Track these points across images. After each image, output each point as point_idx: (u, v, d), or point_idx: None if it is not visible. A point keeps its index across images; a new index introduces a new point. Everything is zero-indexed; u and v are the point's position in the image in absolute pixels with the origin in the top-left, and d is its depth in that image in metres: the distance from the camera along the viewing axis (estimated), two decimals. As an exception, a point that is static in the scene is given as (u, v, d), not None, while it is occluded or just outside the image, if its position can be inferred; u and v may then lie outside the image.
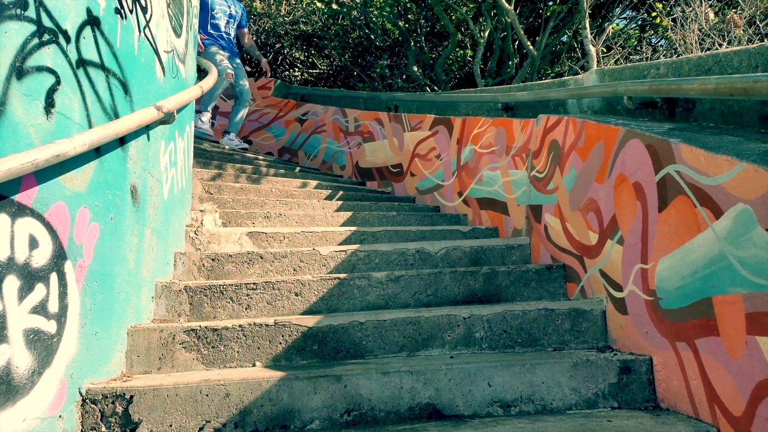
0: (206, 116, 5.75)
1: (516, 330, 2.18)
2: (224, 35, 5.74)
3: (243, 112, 6.01)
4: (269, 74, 6.19)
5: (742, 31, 4.80)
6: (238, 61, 5.93)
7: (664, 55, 6.77)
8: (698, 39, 4.90)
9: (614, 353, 2.00)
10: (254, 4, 9.06)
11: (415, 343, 2.15)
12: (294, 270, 2.74)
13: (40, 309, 1.48)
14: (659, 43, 8.37)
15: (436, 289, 2.50)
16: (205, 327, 2.09)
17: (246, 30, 6.10)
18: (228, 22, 5.81)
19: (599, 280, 2.25)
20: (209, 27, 5.68)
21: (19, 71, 1.38)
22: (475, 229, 3.35)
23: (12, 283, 1.37)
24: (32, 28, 1.44)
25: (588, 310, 2.20)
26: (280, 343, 2.10)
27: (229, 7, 5.86)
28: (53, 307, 1.54)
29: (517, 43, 7.64)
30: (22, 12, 1.40)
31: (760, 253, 1.38)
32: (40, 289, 1.48)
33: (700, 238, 1.62)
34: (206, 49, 5.61)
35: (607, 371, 1.88)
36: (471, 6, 8.02)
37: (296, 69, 9.64)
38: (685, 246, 1.69)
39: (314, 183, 4.81)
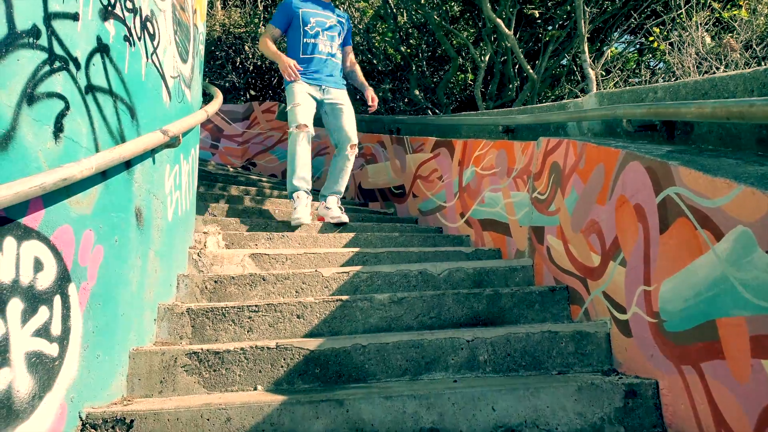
0: (299, 197, 3.79)
1: (520, 353, 2.17)
2: (323, 59, 3.94)
3: (345, 168, 4.01)
4: (374, 107, 4.13)
5: (738, 55, 4.85)
6: (340, 97, 4.00)
7: (662, 78, 6.84)
8: (695, 62, 4.95)
9: (619, 377, 1.99)
10: (259, 30, 9.20)
11: (419, 367, 2.14)
12: (296, 292, 2.74)
13: (43, 332, 1.49)
14: (657, 66, 8.46)
15: (439, 311, 2.50)
16: (207, 350, 2.09)
17: (350, 49, 4.25)
18: (331, 39, 3.99)
19: (603, 302, 2.25)
20: (300, 50, 3.91)
21: (30, 97, 1.41)
22: (477, 250, 3.35)
23: (16, 305, 1.38)
24: (44, 56, 1.47)
25: (592, 333, 2.20)
26: (282, 366, 2.10)
27: (329, 17, 4.02)
28: (56, 329, 1.54)
29: (517, 66, 7.72)
30: (35, 40, 1.43)
31: (762, 275, 1.38)
32: (43, 312, 1.48)
33: (701, 260, 1.62)
34: (288, 85, 3.88)
35: (613, 395, 1.87)
36: (471, 31, 8.14)
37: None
38: (688, 268, 1.69)
39: (317, 204, 4.82)
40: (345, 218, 3.89)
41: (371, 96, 4.19)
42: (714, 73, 4.76)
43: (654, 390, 1.87)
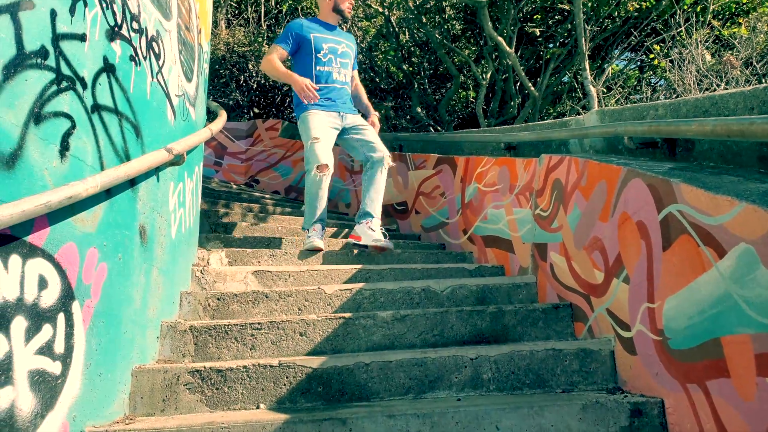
0: (315, 230, 3.58)
1: (524, 371, 2.16)
2: (338, 88, 3.73)
3: (378, 182, 3.71)
4: (376, 131, 3.94)
5: (739, 72, 4.88)
6: (358, 119, 3.84)
7: (663, 95, 6.87)
8: (696, 79, 4.98)
9: (624, 395, 1.98)
10: (262, 48, 9.29)
11: (422, 385, 2.13)
12: (299, 309, 2.73)
13: (46, 350, 1.49)
14: (658, 83, 8.50)
15: (443, 328, 2.49)
16: (210, 368, 2.08)
17: (356, 72, 4.09)
18: (344, 66, 3.79)
19: (606, 319, 2.24)
20: (312, 78, 3.64)
21: (37, 117, 1.42)
22: (480, 267, 3.35)
23: (20, 323, 1.38)
24: (51, 75, 1.49)
25: (596, 350, 2.19)
26: (285, 384, 2.09)
27: (340, 42, 3.81)
28: (59, 347, 1.54)
29: (518, 84, 7.77)
30: (43, 61, 1.45)
31: (765, 293, 1.38)
32: (47, 330, 1.49)
33: (705, 278, 1.62)
34: (301, 113, 3.63)
35: (618, 414, 1.86)
36: (473, 49, 8.20)
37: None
38: (691, 285, 1.69)
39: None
40: (390, 245, 3.48)
41: (374, 122, 3.99)
42: (714, 90, 4.79)
43: (660, 409, 1.86)
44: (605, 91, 7.59)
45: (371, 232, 3.53)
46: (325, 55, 3.67)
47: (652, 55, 7.54)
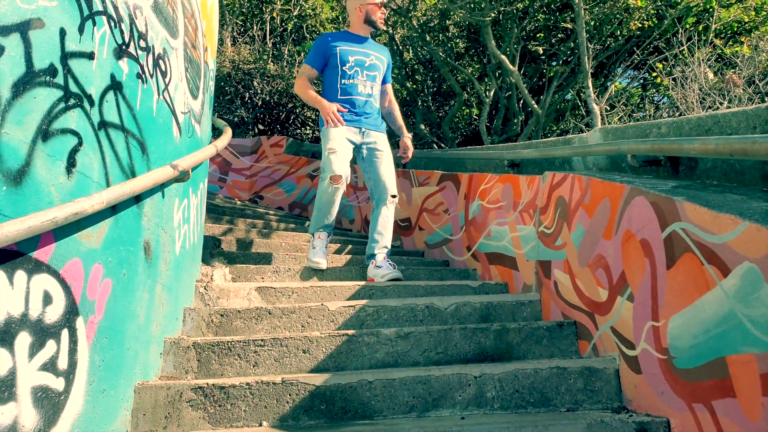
0: (320, 238, 3.57)
1: (528, 389, 2.15)
2: (362, 101, 3.62)
3: (387, 221, 3.62)
4: (408, 159, 3.85)
5: (741, 90, 4.90)
6: (380, 142, 3.68)
7: (666, 113, 6.90)
8: (699, 97, 5.00)
9: (630, 414, 1.96)
10: (267, 66, 9.38)
11: (425, 403, 2.11)
12: (302, 326, 2.73)
13: (50, 366, 1.49)
14: (662, 101, 8.53)
15: (447, 346, 2.48)
16: (213, 385, 2.08)
17: (390, 86, 3.94)
18: (371, 79, 3.68)
19: (611, 337, 2.23)
20: (338, 91, 3.61)
21: (44, 134, 1.44)
22: (484, 284, 3.34)
23: (24, 339, 1.38)
24: (59, 93, 1.51)
25: (601, 369, 2.17)
26: (288, 402, 2.08)
27: (368, 54, 3.69)
28: (63, 363, 1.54)
29: (521, 101, 7.82)
30: (51, 79, 1.47)
31: (771, 312, 1.37)
32: (50, 346, 1.49)
33: (709, 296, 1.61)
34: (323, 125, 3.59)
35: (622, 433, 1.84)
36: (476, 67, 8.26)
37: (308, 127, 9.87)
38: (696, 304, 1.68)
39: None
40: (398, 273, 3.46)
41: (407, 145, 3.83)
42: (717, 108, 4.80)
43: (665, 428, 1.84)
44: (608, 108, 7.62)
45: (377, 270, 3.50)
46: (351, 67, 3.60)
47: (654, 73, 7.57)
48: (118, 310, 1.87)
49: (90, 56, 1.66)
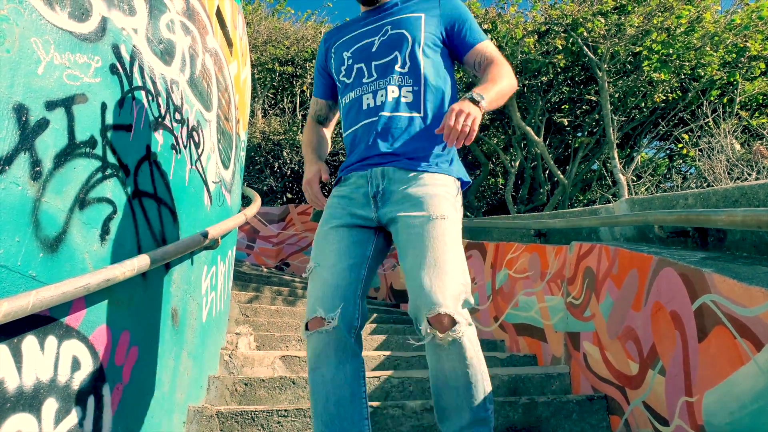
0: None
1: (557, 468, 2.05)
2: (372, 124, 1.75)
3: (438, 369, 1.55)
4: (448, 139, 1.53)
5: (770, 161, 4.87)
6: (418, 194, 1.65)
7: (693, 183, 6.85)
8: (726, 168, 4.98)
9: (666, 498, 1.85)
10: (297, 137, 9.68)
11: (450, 480, 2.03)
12: (325, 397, 2.68)
13: (74, 432, 1.49)
14: (689, 171, 8.50)
15: (472, 420, 2.40)
16: (233, 456, 2.04)
17: (482, 46, 1.82)
18: (382, 76, 1.78)
19: (643, 413, 2.14)
20: (343, 118, 1.91)
21: (81, 202, 1.51)
22: (512, 356, 3.26)
23: (51, 405, 1.39)
24: (98, 163, 1.59)
25: (634, 448, 2.07)
26: (309, 475, 2.02)
27: (381, 28, 1.83)
28: (87, 431, 1.54)
29: (547, 171, 7.87)
30: (91, 150, 1.56)
31: (811, 389, 1.31)
32: (76, 412, 1.49)
33: (744, 371, 1.55)
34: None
35: None
36: (501, 137, 8.40)
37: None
38: (730, 378, 1.61)
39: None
40: None
41: (453, 111, 1.55)
42: (746, 179, 4.76)
43: None
44: (635, 179, 7.61)
45: None
46: (348, 69, 1.87)
47: (680, 144, 7.59)
48: (143, 377, 1.88)
49: (128, 128, 1.76)
